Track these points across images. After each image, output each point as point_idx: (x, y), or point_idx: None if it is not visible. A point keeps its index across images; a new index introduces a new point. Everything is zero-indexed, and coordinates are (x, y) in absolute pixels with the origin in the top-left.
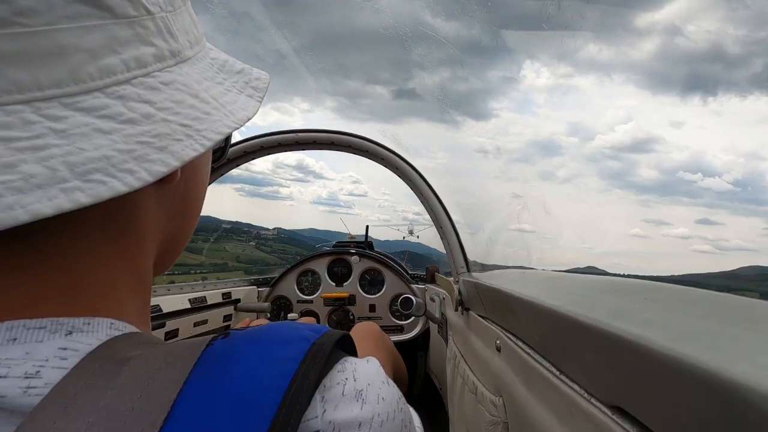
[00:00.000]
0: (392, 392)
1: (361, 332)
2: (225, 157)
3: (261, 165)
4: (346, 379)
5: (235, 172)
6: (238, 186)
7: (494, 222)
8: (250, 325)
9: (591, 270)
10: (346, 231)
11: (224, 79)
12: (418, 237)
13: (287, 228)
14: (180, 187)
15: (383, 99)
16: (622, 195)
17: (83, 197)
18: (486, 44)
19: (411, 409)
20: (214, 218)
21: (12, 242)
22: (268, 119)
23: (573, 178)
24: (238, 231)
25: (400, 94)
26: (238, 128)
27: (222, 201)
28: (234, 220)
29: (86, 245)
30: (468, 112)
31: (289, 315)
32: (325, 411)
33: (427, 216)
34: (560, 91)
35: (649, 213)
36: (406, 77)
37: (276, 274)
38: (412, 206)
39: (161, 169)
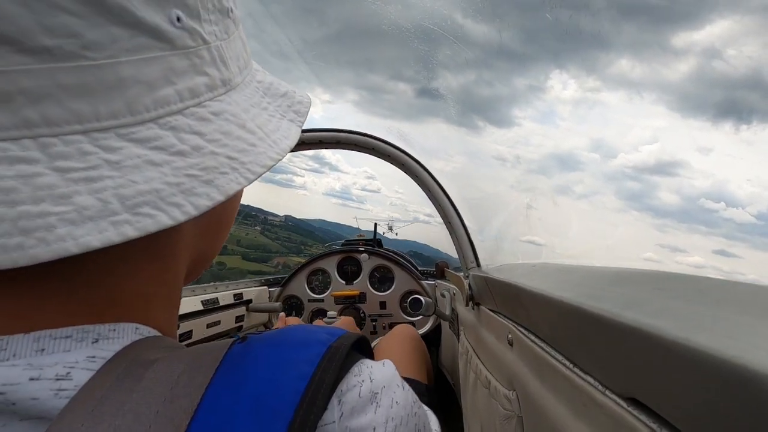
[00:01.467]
0: (407, 396)
1: (398, 336)
2: None
3: None
4: (362, 381)
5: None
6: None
7: (506, 231)
8: (287, 323)
9: None
10: (355, 226)
11: (269, 103)
12: (396, 234)
13: (297, 216)
14: (216, 209)
15: (405, 96)
16: (639, 217)
17: (131, 231)
18: (515, 50)
19: (429, 412)
20: None
21: (51, 264)
22: None
23: (590, 194)
24: (245, 214)
25: (422, 93)
26: (281, 159)
27: None
28: (244, 203)
29: (126, 267)
30: (489, 117)
31: (328, 313)
32: (342, 415)
33: (433, 217)
34: (586, 104)
35: (664, 238)
36: (430, 76)
37: (286, 274)
38: (424, 207)
39: (206, 203)
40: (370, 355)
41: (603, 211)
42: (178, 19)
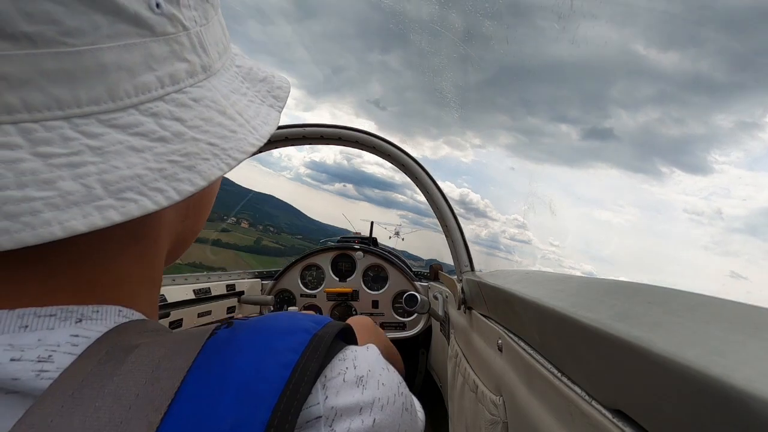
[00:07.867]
0: (392, 377)
1: (354, 325)
2: None
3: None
4: (347, 368)
5: (401, 198)
6: (402, 213)
7: None
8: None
9: None
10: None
11: (248, 89)
12: (403, 239)
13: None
14: (197, 194)
15: (568, 139)
16: None
17: (115, 215)
18: (718, 80)
19: (412, 396)
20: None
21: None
22: (438, 153)
23: None
24: None
25: (591, 134)
26: (260, 145)
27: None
28: (392, 246)
29: (109, 249)
30: (678, 161)
31: (289, 308)
32: (327, 398)
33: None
34: None
35: None
36: (600, 115)
37: (280, 268)
38: (584, 265)
39: (188, 189)
40: (355, 342)
41: None
42: (158, 5)
